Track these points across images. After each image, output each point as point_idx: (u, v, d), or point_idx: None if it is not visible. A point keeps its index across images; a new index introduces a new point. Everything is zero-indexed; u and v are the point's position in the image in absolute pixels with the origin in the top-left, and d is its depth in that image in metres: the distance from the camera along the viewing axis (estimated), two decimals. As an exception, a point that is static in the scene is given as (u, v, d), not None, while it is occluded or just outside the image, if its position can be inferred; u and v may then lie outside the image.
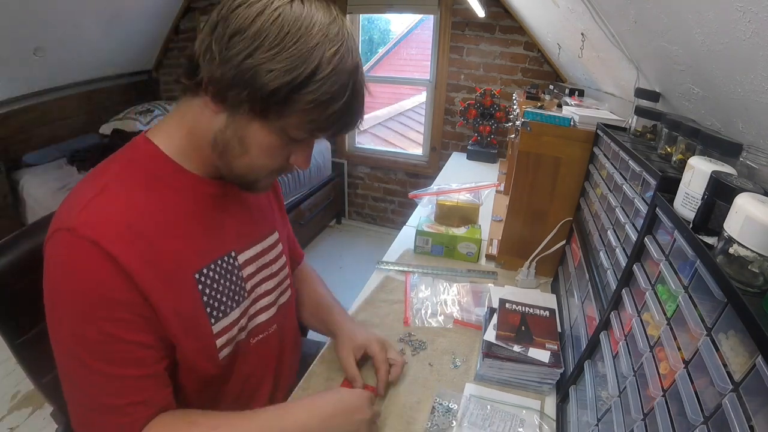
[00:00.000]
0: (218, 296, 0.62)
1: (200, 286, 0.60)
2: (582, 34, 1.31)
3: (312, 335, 1.08)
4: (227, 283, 0.64)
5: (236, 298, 0.66)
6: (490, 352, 0.81)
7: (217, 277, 0.63)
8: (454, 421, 0.75)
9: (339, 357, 0.83)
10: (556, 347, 0.82)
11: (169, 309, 0.56)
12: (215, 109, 0.54)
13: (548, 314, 0.90)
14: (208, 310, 0.61)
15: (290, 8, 0.50)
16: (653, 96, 0.91)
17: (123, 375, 0.53)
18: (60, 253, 0.51)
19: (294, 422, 0.62)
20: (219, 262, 0.63)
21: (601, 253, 0.80)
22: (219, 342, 0.63)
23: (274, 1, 0.51)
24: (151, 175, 0.58)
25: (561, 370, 0.79)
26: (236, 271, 0.66)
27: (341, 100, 0.53)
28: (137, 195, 0.56)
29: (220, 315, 0.63)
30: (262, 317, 0.74)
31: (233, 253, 0.66)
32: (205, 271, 0.61)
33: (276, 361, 0.79)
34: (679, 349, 0.46)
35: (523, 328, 0.86)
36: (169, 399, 0.58)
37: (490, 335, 0.84)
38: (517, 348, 0.81)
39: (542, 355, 0.80)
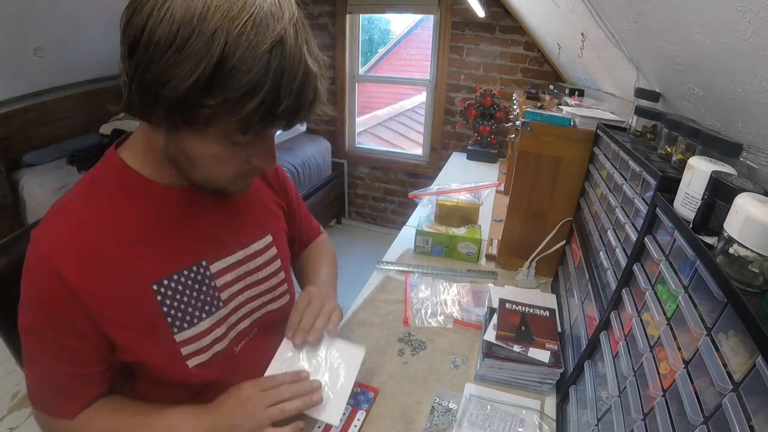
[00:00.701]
0: (182, 306, 0.61)
1: (159, 297, 0.59)
2: (582, 34, 1.31)
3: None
4: (194, 293, 0.62)
5: (206, 308, 0.64)
6: (490, 352, 0.81)
7: (180, 287, 0.61)
8: (453, 421, 0.75)
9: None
10: (556, 347, 0.82)
11: (122, 320, 0.57)
12: (151, 128, 0.52)
13: (548, 314, 0.90)
14: (169, 320, 0.60)
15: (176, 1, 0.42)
16: (653, 96, 0.91)
17: (55, 369, 0.57)
18: (27, 259, 0.55)
19: (201, 427, 0.61)
20: (185, 272, 0.61)
21: (601, 253, 0.80)
22: (185, 350, 0.62)
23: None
24: (121, 186, 0.58)
25: (561, 370, 0.79)
26: (207, 281, 0.64)
27: (265, 85, 0.44)
28: (95, 211, 0.56)
29: (185, 325, 0.61)
30: (245, 323, 0.71)
31: (204, 263, 0.64)
32: (165, 282, 0.59)
33: (264, 358, 0.73)
34: (679, 349, 0.46)
35: (523, 328, 0.86)
36: (99, 394, 0.62)
37: (490, 335, 0.84)
38: (517, 348, 0.81)
39: (542, 355, 0.80)
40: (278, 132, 0.61)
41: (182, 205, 0.61)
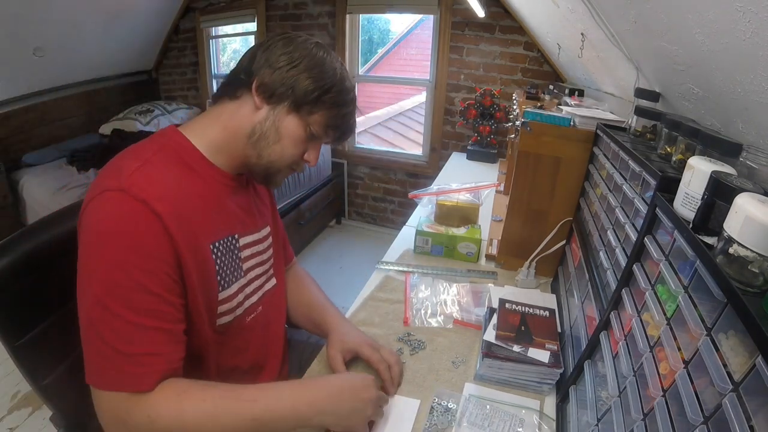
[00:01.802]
0: (224, 268, 0.72)
1: (214, 256, 0.69)
2: (582, 34, 1.31)
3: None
4: (230, 260, 0.74)
5: (235, 274, 0.75)
6: (489, 352, 0.81)
7: (225, 251, 0.72)
8: (453, 421, 0.75)
9: (328, 356, 0.84)
10: (555, 347, 0.82)
11: (194, 270, 0.64)
12: (259, 105, 0.70)
13: (548, 314, 0.90)
14: (218, 278, 0.70)
15: (316, 49, 0.72)
16: (653, 96, 0.91)
17: (143, 324, 0.58)
18: (108, 208, 0.58)
19: (305, 397, 0.66)
20: (225, 240, 0.73)
21: (601, 253, 0.80)
22: (220, 309, 0.72)
23: (305, 42, 0.72)
24: (182, 161, 0.68)
25: (561, 371, 0.79)
26: (236, 252, 0.75)
27: (349, 106, 0.75)
28: (173, 172, 0.65)
29: (225, 285, 0.72)
30: (254, 298, 0.81)
31: (236, 236, 0.75)
32: (217, 244, 0.70)
33: (263, 342, 0.85)
34: (679, 349, 0.46)
35: (522, 328, 0.86)
36: (181, 359, 0.63)
37: (490, 335, 0.84)
38: (516, 348, 0.81)
39: (542, 355, 0.80)
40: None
41: (226, 187, 0.74)
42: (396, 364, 0.82)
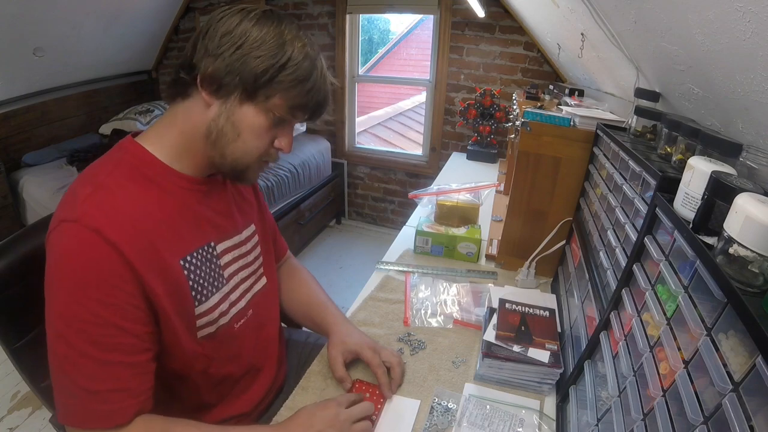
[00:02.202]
0: (200, 281, 0.68)
1: (186, 272, 0.65)
2: (582, 34, 1.31)
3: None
4: (208, 270, 0.70)
5: (215, 284, 0.71)
6: (489, 352, 0.81)
7: (199, 263, 0.68)
8: (453, 421, 0.75)
9: (329, 356, 0.84)
10: (555, 347, 0.82)
11: (162, 292, 0.61)
12: (209, 101, 0.63)
13: (548, 314, 0.90)
14: (193, 293, 0.66)
15: (263, 20, 0.63)
16: (653, 96, 0.91)
17: (107, 360, 0.56)
18: (63, 241, 0.55)
19: None
20: (200, 251, 0.69)
21: (601, 253, 0.80)
22: (199, 323, 0.68)
23: (249, 15, 0.62)
24: (141, 174, 0.63)
25: (560, 370, 0.79)
26: (215, 260, 0.72)
27: (311, 79, 0.64)
28: (130, 191, 0.61)
29: (203, 299, 0.68)
30: (241, 303, 0.78)
31: (212, 244, 0.72)
32: (189, 258, 0.66)
33: (257, 346, 0.83)
34: (679, 349, 0.46)
35: (522, 328, 0.86)
36: (148, 389, 0.61)
37: (490, 335, 0.84)
38: (516, 348, 0.81)
39: (542, 355, 0.80)
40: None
41: (193, 192, 0.69)
42: (398, 366, 0.82)
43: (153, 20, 3.05)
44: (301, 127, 3.09)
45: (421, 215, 1.39)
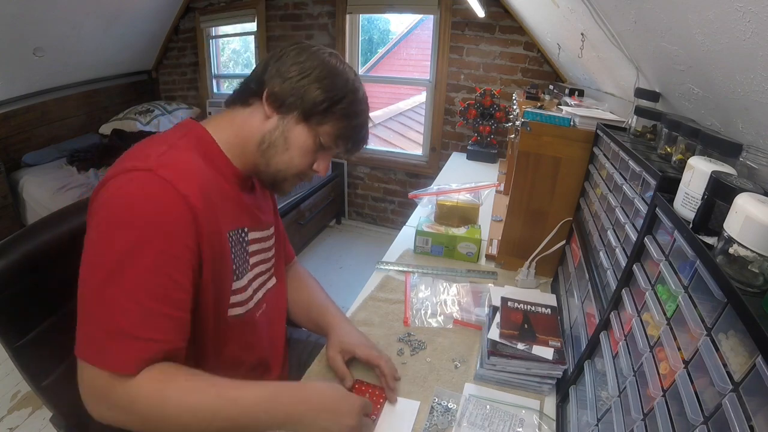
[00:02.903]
0: (237, 258, 0.72)
1: (230, 245, 0.70)
2: (582, 34, 1.31)
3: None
4: (241, 251, 0.74)
5: (244, 266, 0.75)
6: (495, 350, 0.81)
7: (238, 242, 0.73)
8: (453, 421, 0.75)
9: (328, 357, 0.84)
10: (559, 344, 0.82)
11: (209, 257, 0.64)
12: (269, 114, 0.71)
13: (550, 312, 0.91)
14: (234, 267, 0.71)
15: (329, 58, 0.72)
16: (653, 96, 0.91)
17: (155, 310, 0.57)
18: (133, 187, 0.57)
19: (283, 406, 0.62)
20: (239, 231, 0.74)
21: (601, 253, 0.80)
22: (233, 299, 0.72)
23: (318, 51, 0.72)
24: (201, 152, 0.68)
25: (565, 367, 0.79)
26: (245, 245, 0.76)
27: (360, 117, 0.74)
28: (197, 158, 0.67)
29: (240, 275, 0.73)
30: (259, 294, 0.81)
31: (246, 229, 0.76)
32: (233, 233, 0.71)
33: (269, 340, 0.85)
34: (679, 349, 0.46)
35: (526, 326, 0.86)
36: (182, 348, 0.62)
37: (494, 333, 0.84)
38: (521, 346, 0.81)
39: (546, 352, 0.80)
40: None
41: (238, 185, 0.75)
42: (385, 361, 0.82)
43: (153, 20, 3.05)
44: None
45: (421, 215, 1.39)
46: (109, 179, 0.58)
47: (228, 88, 3.54)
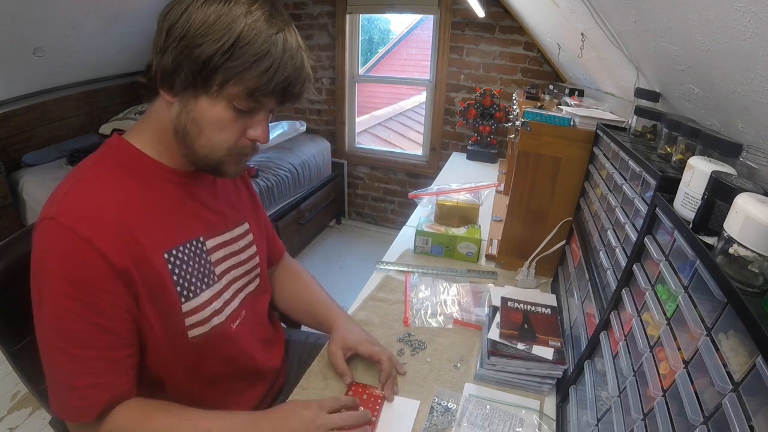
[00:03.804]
0: (187, 276, 0.66)
1: (170, 266, 0.64)
2: (582, 34, 1.31)
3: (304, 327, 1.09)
4: (196, 266, 0.68)
5: (205, 280, 0.69)
6: (495, 350, 0.81)
7: (186, 258, 0.66)
8: (453, 421, 0.75)
9: (329, 353, 0.84)
10: (559, 344, 0.82)
11: (144, 287, 0.60)
12: (170, 100, 0.61)
13: (550, 312, 0.91)
14: (178, 288, 0.64)
15: (200, 5, 0.58)
16: (653, 96, 0.91)
17: (83, 356, 0.56)
18: (42, 239, 0.56)
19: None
20: (187, 245, 0.67)
21: (601, 253, 0.80)
22: (189, 321, 0.66)
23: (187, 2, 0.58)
24: (125, 167, 0.63)
25: (565, 367, 0.79)
26: (204, 255, 0.70)
27: (269, 56, 0.57)
28: (111, 182, 0.61)
29: (191, 295, 0.66)
30: (235, 303, 0.76)
31: (201, 239, 0.70)
32: (174, 252, 0.65)
33: (253, 346, 0.80)
34: (679, 349, 0.46)
35: (526, 326, 0.86)
36: (128, 387, 0.61)
37: (494, 333, 0.84)
38: (521, 346, 0.81)
39: (546, 352, 0.80)
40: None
41: (180, 186, 0.68)
42: (387, 358, 0.82)
43: (153, 20, 3.01)
44: (300, 127, 3.09)
45: (421, 215, 1.39)
46: (33, 231, 0.57)
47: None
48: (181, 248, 0.66)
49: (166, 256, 0.63)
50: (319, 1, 2.81)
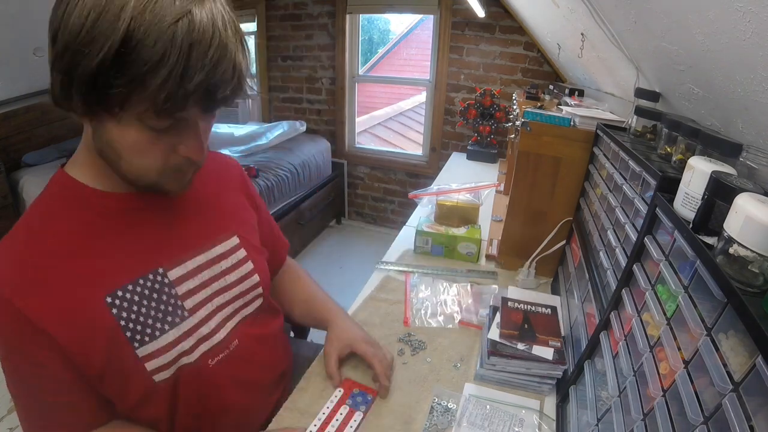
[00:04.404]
0: (140, 319, 0.57)
1: (114, 310, 0.55)
2: (582, 34, 1.31)
3: (312, 337, 1.08)
4: (153, 303, 0.59)
5: (168, 319, 0.60)
6: (495, 350, 0.81)
7: (137, 298, 0.57)
8: (453, 421, 0.75)
9: (324, 353, 0.83)
10: (559, 344, 0.82)
11: (80, 339, 0.53)
12: (82, 121, 0.52)
13: (550, 312, 0.91)
14: (128, 334, 0.56)
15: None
16: (653, 96, 0.91)
17: (44, 401, 0.55)
18: None
19: None
20: (140, 281, 0.58)
21: (601, 253, 0.80)
22: (150, 366, 0.58)
23: None
24: (66, 204, 0.56)
25: (565, 367, 0.79)
26: (167, 290, 0.60)
27: (170, 58, 0.43)
28: (40, 234, 0.54)
29: (146, 339, 0.57)
30: (220, 335, 0.66)
31: (161, 270, 0.60)
32: (119, 293, 0.56)
33: (243, 378, 0.70)
34: (679, 349, 0.46)
35: (526, 326, 0.86)
36: (97, 420, 0.59)
37: (494, 333, 0.84)
38: (521, 346, 0.81)
39: (546, 352, 0.80)
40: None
41: (127, 211, 0.59)
42: (384, 361, 0.80)
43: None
44: (300, 127, 3.09)
45: (421, 215, 1.39)
46: None
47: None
48: (130, 287, 0.57)
49: (108, 300, 0.55)
50: (319, 1, 2.82)
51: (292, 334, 1.08)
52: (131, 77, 0.43)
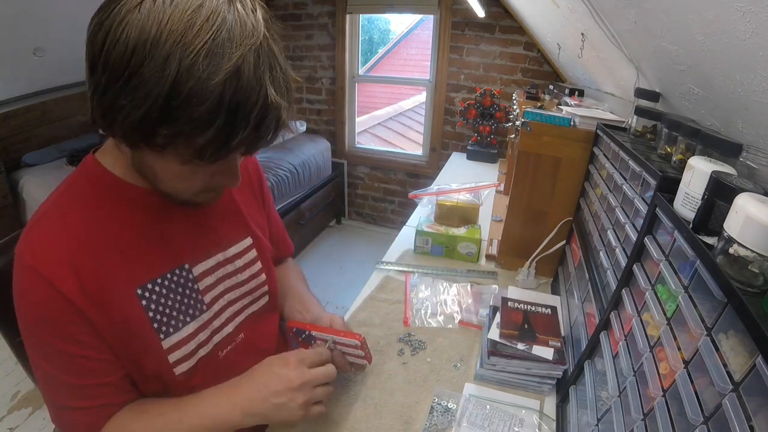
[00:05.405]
0: (167, 311, 0.60)
1: (144, 302, 0.58)
2: (582, 34, 1.31)
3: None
4: (179, 297, 0.62)
5: (191, 312, 0.63)
6: (495, 350, 0.81)
7: (165, 291, 0.60)
8: (453, 421, 0.75)
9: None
10: (559, 344, 0.82)
11: (113, 327, 0.55)
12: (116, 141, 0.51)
13: (550, 312, 0.91)
14: (156, 326, 0.59)
15: (137, 13, 0.41)
16: (653, 96, 0.91)
17: (81, 384, 0.56)
18: (15, 279, 0.53)
19: (225, 408, 0.61)
20: (168, 276, 0.61)
21: (601, 253, 0.80)
22: (172, 357, 0.61)
23: (122, 8, 0.41)
24: (96, 193, 0.57)
25: (565, 367, 0.79)
26: (191, 285, 0.63)
27: (217, 119, 0.42)
28: (74, 218, 0.55)
29: (171, 330, 0.61)
30: (229, 328, 0.70)
31: (187, 266, 0.63)
32: (150, 286, 0.59)
33: (248, 369, 0.72)
34: (679, 349, 0.46)
35: (526, 326, 0.86)
36: (131, 400, 0.61)
37: (494, 333, 0.84)
38: (521, 346, 0.81)
39: (546, 352, 0.80)
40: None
41: (161, 208, 0.60)
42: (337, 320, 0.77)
43: (153, 20, 3.04)
44: (300, 127, 3.09)
45: (421, 215, 1.39)
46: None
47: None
48: (159, 281, 0.60)
49: (139, 292, 0.58)
50: (319, 1, 2.82)
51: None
52: (176, 131, 0.43)
